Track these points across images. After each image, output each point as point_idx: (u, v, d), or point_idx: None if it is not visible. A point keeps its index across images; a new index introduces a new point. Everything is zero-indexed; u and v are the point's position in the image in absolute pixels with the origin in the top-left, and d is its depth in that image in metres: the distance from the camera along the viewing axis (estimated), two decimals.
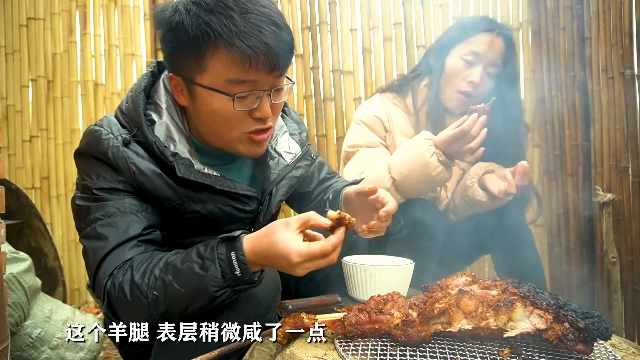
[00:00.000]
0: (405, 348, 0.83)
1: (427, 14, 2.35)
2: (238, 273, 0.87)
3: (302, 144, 1.21)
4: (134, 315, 0.93)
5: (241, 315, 0.94)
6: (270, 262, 0.88)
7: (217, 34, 0.90)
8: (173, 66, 1.00)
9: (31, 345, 1.67)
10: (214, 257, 0.88)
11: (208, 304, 0.89)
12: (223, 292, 0.88)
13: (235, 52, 0.91)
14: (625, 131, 1.79)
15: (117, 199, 0.98)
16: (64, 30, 2.61)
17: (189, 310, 0.91)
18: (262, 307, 0.98)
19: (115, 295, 0.92)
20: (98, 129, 1.01)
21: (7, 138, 2.59)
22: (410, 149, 1.42)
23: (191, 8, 0.93)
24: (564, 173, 2.13)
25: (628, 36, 1.76)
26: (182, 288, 0.88)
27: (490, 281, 0.89)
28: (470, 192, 1.55)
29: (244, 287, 0.90)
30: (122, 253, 0.94)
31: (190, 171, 1.00)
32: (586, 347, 0.78)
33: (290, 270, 0.87)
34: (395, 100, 1.68)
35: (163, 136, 1.01)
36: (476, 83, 1.53)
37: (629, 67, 1.77)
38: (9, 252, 1.69)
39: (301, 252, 0.85)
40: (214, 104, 0.97)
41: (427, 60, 1.68)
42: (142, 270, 0.91)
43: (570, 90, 2.06)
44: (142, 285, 0.90)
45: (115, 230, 0.95)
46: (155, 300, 0.89)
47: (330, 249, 0.87)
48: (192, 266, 0.89)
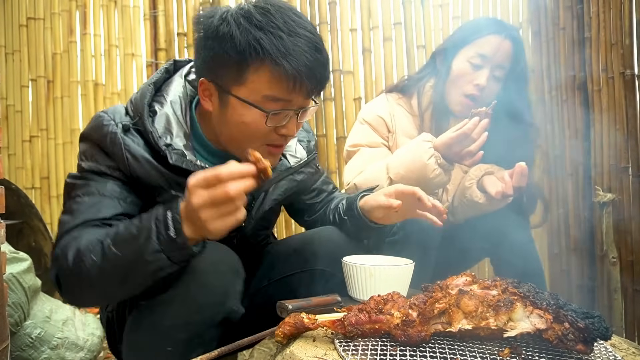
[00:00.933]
0: (405, 348, 0.83)
1: (427, 14, 2.35)
2: (172, 234, 0.84)
3: (309, 151, 1.25)
4: (74, 285, 0.93)
5: (193, 302, 0.93)
6: (186, 211, 0.85)
7: (265, 51, 0.93)
8: (208, 72, 1.02)
9: (31, 345, 1.67)
10: (150, 217, 0.88)
11: (147, 275, 0.88)
12: (157, 257, 0.85)
13: (281, 71, 0.94)
14: (625, 131, 1.79)
15: (101, 181, 1.00)
16: (64, 30, 2.61)
17: (129, 282, 0.89)
18: (217, 294, 0.96)
19: (59, 264, 0.93)
20: (102, 115, 1.04)
21: (7, 138, 2.60)
22: (409, 151, 1.42)
23: (242, 22, 0.95)
24: (564, 173, 2.13)
25: (628, 36, 1.76)
26: (119, 251, 0.87)
27: (490, 281, 0.89)
28: (469, 193, 1.54)
29: (180, 256, 0.87)
30: (84, 230, 0.95)
31: (182, 160, 1.02)
32: (586, 347, 0.78)
33: (190, 203, 0.83)
34: (401, 100, 1.68)
35: (162, 128, 1.04)
36: (483, 86, 1.51)
37: (629, 67, 1.77)
38: (9, 252, 1.69)
39: (198, 174, 0.83)
40: (246, 116, 0.99)
41: (433, 61, 1.66)
42: (89, 238, 0.91)
43: (570, 90, 2.06)
44: (85, 251, 0.89)
45: (87, 209, 0.97)
46: (92, 265, 0.88)
47: (224, 174, 0.81)
48: (130, 228, 0.89)
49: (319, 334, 0.91)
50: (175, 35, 2.58)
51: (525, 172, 1.39)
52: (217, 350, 0.87)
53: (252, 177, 0.85)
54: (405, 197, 1.13)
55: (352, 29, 2.41)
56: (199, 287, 0.93)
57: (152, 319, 0.95)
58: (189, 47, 2.56)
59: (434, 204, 1.10)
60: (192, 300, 0.93)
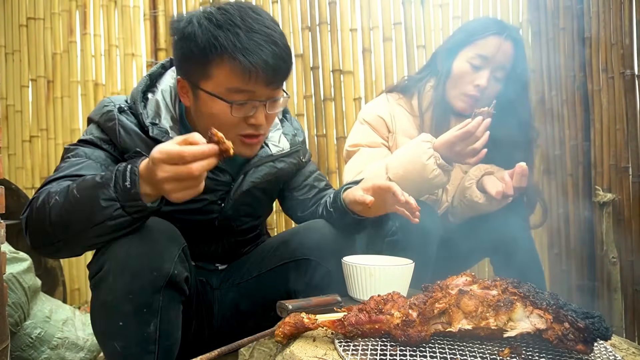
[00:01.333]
0: (405, 348, 0.83)
1: (427, 14, 2.35)
2: (128, 184, 0.89)
3: (294, 144, 1.34)
4: (36, 228, 0.96)
5: (127, 271, 0.95)
6: (147, 171, 0.89)
7: (222, 48, 1.03)
8: (181, 71, 1.14)
9: (31, 345, 1.67)
10: (113, 169, 0.93)
11: (105, 227, 0.91)
12: (111, 204, 0.90)
13: (237, 65, 1.03)
14: (625, 131, 1.79)
15: (90, 149, 1.12)
16: (64, 30, 2.61)
17: (86, 229, 0.92)
18: (151, 259, 0.97)
19: (30, 207, 0.98)
20: (105, 100, 1.18)
21: (7, 138, 2.60)
22: (408, 151, 1.42)
23: (203, 22, 1.06)
24: (564, 173, 2.13)
25: (628, 36, 1.76)
26: (79, 194, 0.92)
27: (490, 281, 0.89)
28: (468, 193, 1.54)
29: (133, 207, 0.91)
30: (62, 181, 1.00)
31: (162, 135, 1.12)
32: (586, 347, 0.78)
33: (154, 173, 0.87)
34: (401, 101, 1.67)
35: (152, 111, 1.17)
36: (483, 87, 1.51)
37: (629, 67, 1.77)
38: (9, 252, 1.69)
39: (162, 149, 0.86)
40: (214, 108, 1.09)
41: (434, 62, 1.66)
42: (61, 185, 0.97)
43: (570, 90, 2.06)
44: (52, 194, 0.94)
45: (70, 166, 1.06)
46: (54, 205, 0.93)
47: (187, 154, 0.84)
48: (95, 177, 0.94)
49: (319, 334, 0.91)
50: None
51: (526, 173, 1.38)
52: (217, 350, 0.87)
53: (214, 156, 0.88)
54: (382, 192, 1.15)
55: (352, 29, 2.41)
56: (129, 256, 0.95)
57: (99, 299, 0.97)
58: None
59: (407, 199, 1.11)
60: (126, 269, 0.95)
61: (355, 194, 1.18)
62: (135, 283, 0.95)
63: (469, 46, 1.54)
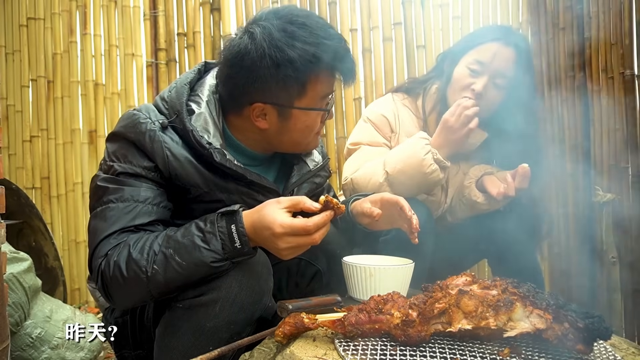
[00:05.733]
0: (405, 348, 0.83)
1: (427, 14, 2.35)
2: (238, 245, 0.93)
3: (324, 156, 1.31)
4: (128, 293, 0.96)
5: (236, 302, 0.97)
6: (258, 234, 0.93)
7: (321, 63, 1.02)
8: (261, 97, 1.04)
9: (31, 345, 1.67)
10: (214, 230, 0.93)
11: (207, 275, 0.94)
12: (222, 264, 0.93)
13: (332, 73, 1.07)
14: (625, 131, 1.79)
15: (136, 186, 1.01)
16: (64, 30, 2.61)
17: (188, 284, 0.94)
18: (257, 292, 1.01)
19: (109, 274, 0.94)
20: (137, 113, 1.05)
21: (7, 138, 2.60)
22: (406, 147, 1.44)
23: (296, 44, 1.00)
24: (564, 173, 2.13)
25: (628, 36, 1.76)
26: (183, 261, 0.92)
27: (490, 281, 0.89)
28: (467, 192, 1.54)
29: (241, 259, 0.96)
30: (122, 237, 0.97)
31: (225, 160, 1.04)
32: (586, 347, 0.78)
33: (274, 242, 0.92)
34: (406, 101, 1.68)
35: (200, 127, 1.05)
36: (478, 92, 1.48)
37: (629, 67, 1.77)
38: (9, 252, 1.69)
39: (284, 223, 0.90)
40: (308, 120, 1.09)
41: (440, 65, 1.67)
42: (139, 246, 0.94)
43: (570, 90, 2.06)
44: (140, 261, 0.92)
45: (122, 216, 0.98)
46: (154, 274, 0.92)
47: (312, 226, 0.91)
48: (193, 239, 0.93)
49: (319, 334, 0.91)
50: (175, 35, 2.58)
51: (528, 174, 1.38)
52: (217, 350, 0.87)
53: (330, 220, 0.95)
54: (389, 206, 1.16)
55: (352, 29, 2.41)
56: (241, 288, 0.98)
57: (194, 321, 0.97)
58: (189, 47, 2.55)
59: (411, 216, 1.12)
60: (236, 300, 0.97)
61: (363, 206, 1.18)
62: (241, 315, 0.98)
63: (470, 52, 1.54)
